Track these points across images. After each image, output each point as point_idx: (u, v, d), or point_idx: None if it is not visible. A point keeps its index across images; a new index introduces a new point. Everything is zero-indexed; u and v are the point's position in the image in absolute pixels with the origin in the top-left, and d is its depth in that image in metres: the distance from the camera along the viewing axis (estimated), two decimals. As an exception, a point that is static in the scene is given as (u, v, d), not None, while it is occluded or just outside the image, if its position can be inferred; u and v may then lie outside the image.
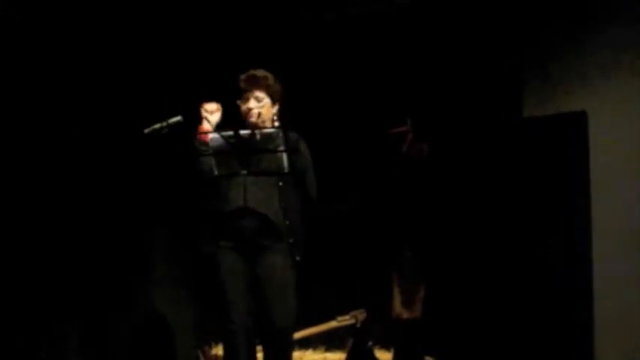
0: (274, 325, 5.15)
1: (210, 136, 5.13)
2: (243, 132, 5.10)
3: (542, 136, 6.85)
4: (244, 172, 5.08)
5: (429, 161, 6.62)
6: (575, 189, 6.67)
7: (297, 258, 5.25)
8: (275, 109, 5.37)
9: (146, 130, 5.26)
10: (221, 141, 5.08)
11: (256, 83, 5.31)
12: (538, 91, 6.93)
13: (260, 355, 5.33)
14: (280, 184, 5.22)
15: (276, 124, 5.31)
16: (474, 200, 6.81)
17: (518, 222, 6.79)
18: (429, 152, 6.60)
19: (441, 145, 6.72)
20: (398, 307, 6.47)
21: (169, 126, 5.26)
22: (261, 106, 5.30)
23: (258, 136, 5.12)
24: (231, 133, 5.09)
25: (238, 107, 5.34)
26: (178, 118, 5.27)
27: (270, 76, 5.36)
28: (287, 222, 5.22)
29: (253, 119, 5.25)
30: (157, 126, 5.27)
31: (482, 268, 6.74)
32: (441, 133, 6.78)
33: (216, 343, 6.90)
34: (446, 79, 6.97)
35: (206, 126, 5.27)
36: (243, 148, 5.08)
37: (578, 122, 6.70)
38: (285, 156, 5.03)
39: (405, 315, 6.45)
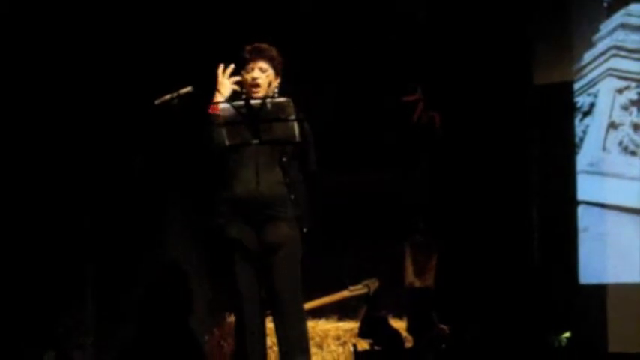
0: (281, 293, 5.18)
1: (222, 106, 5.12)
2: (254, 101, 5.08)
3: (552, 103, 6.86)
4: (255, 141, 5.06)
5: (440, 129, 6.65)
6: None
7: (304, 230, 5.27)
8: (277, 82, 5.39)
9: (156, 101, 5.25)
10: (232, 111, 5.07)
11: (261, 54, 5.33)
12: (548, 58, 6.93)
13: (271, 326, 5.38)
14: (284, 159, 5.23)
15: (275, 95, 5.32)
16: (486, 168, 6.81)
17: (530, 190, 6.80)
18: (440, 120, 6.62)
19: (452, 113, 6.74)
20: (410, 275, 6.49)
21: (180, 96, 5.25)
22: (265, 77, 5.31)
23: (269, 106, 5.10)
24: (242, 102, 5.08)
25: (242, 77, 5.35)
26: (189, 88, 5.27)
27: (273, 48, 5.38)
28: (291, 197, 5.24)
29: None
30: (167, 97, 5.25)
31: (493, 236, 6.75)
32: (452, 102, 6.79)
33: (230, 314, 6.97)
34: (456, 48, 6.94)
35: (218, 97, 5.28)
36: (254, 117, 5.05)
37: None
38: (296, 125, 5.03)
39: (418, 283, 6.47)
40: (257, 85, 5.29)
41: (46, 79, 6.73)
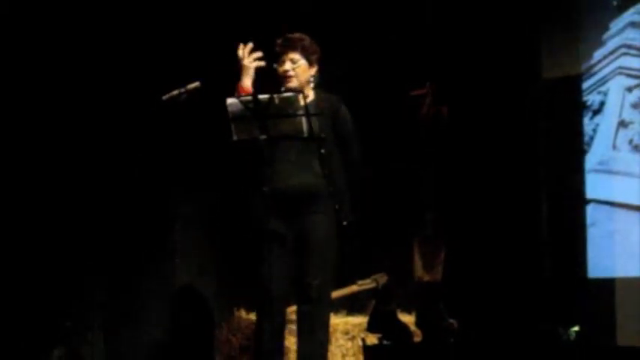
0: (310, 287, 5.20)
1: (229, 101, 5.11)
2: (261, 96, 5.08)
3: (562, 100, 6.86)
4: (263, 136, 5.06)
5: (449, 124, 6.65)
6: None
7: (344, 223, 5.27)
8: (313, 71, 5.38)
9: (164, 97, 5.27)
10: (239, 106, 5.07)
11: (291, 45, 5.33)
12: (558, 56, 6.93)
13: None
14: (322, 151, 5.22)
15: (311, 86, 5.32)
16: (494, 162, 6.81)
17: (539, 185, 6.80)
18: (448, 115, 6.63)
19: (460, 108, 6.74)
20: (419, 270, 6.49)
21: (187, 92, 5.27)
22: (296, 68, 5.30)
23: (276, 101, 5.10)
24: (249, 97, 5.08)
25: (275, 71, 5.35)
26: (197, 83, 5.29)
27: (306, 38, 5.38)
28: (330, 188, 5.23)
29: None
30: (175, 92, 5.28)
31: (502, 231, 6.75)
32: (460, 96, 6.80)
33: (239, 309, 6.98)
34: (464, 42, 6.95)
35: (246, 82, 5.27)
36: (262, 112, 5.06)
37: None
38: (304, 120, 5.03)
39: (426, 278, 6.47)
40: (289, 77, 5.30)
41: (50, 77, 6.76)
